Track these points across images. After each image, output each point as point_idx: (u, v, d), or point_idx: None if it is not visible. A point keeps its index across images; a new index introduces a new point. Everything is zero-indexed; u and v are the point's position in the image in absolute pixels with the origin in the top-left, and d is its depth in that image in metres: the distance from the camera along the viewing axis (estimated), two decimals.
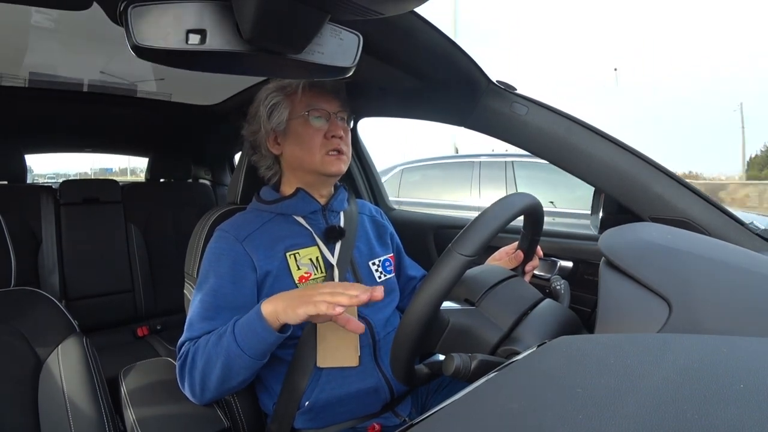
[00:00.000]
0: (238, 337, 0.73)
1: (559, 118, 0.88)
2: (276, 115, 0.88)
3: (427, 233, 1.44)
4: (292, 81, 0.89)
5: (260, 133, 0.92)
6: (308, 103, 0.88)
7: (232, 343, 0.73)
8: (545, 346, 0.39)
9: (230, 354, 0.73)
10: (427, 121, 1.19)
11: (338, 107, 0.91)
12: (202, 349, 0.76)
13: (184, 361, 0.79)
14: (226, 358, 0.73)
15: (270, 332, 0.72)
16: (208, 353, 0.75)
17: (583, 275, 1.07)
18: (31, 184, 2.03)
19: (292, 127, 0.89)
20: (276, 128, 0.89)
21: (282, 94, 0.89)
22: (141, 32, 0.40)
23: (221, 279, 0.82)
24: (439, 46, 0.82)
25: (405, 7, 0.45)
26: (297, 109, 0.88)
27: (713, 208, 0.80)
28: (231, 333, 0.74)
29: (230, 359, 0.73)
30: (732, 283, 0.51)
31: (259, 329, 0.72)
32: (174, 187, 2.23)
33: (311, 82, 0.89)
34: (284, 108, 0.88)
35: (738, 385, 0.28)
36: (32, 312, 0.80)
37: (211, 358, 0.75)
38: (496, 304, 0.66)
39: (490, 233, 0.59)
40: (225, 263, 0.83)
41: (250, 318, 0.73)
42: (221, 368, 0.74)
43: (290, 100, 0.89)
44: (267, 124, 0.89)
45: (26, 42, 1.12)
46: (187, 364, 0.78)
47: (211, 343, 0.76)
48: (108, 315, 1.90)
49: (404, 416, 0.91)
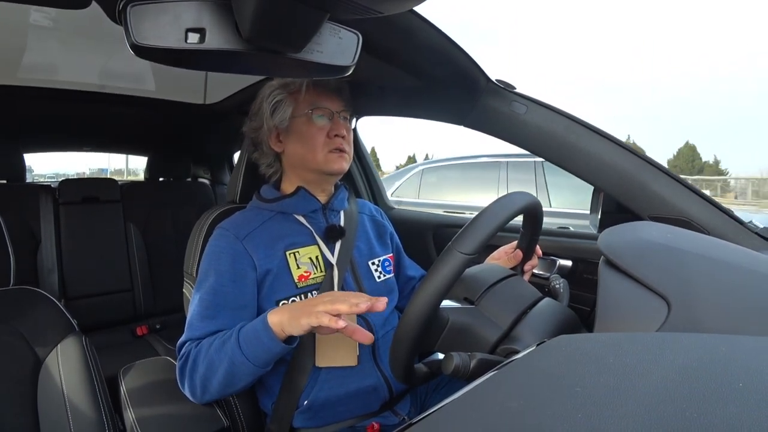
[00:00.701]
0: (243, 345, 0.72)
1: (558, 117, 0.88)
2: (279, 112, 0.88)
3: (427, 232, 1.44)
4: (295, 79, 0.89)
5: (262, 130, 0.91)
6: (312, 102, 0.88)
7: (236, 351, 0.72)
8: (544, 345, 0.39)
9: (234, 361, 0.73)
10: (426, 120, 1.19)
11: (341, 106, 0.91)
12: (204, 353, 0.76)
13: (185, 362, 0.79)
14: (229, 365, 0.73)
15: (276, 343, 0.71)
16: (210, 358, 0.75)
17: (583, 274, 1.07)
18: (31, 183, 2.02)
19: (295, 125, 0.89)
20: (279, 126, 0.89)
21: (285, 91, 0.89)
22: (140, 31, 0.40)
23: (221, 277, 0.82)
24: (439, 45, 0.82)
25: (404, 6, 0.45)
26: (300, 108, 0.88)
27: (712, 207, 0.80)
28: (236, 340, 0.73)
29: (234, 366, 0.73)
30: (731, 282, 0.51)
31: (265, 339, 0.71)
32: (173, 186, 2.23)
33: (315, 81, 0.89)
34: (287, 106, 0.88)
35: (737, 384, 0.28)
36: (31, 311, 0.80)
37: (213, 362, 0.74)
38: (495, 303, 0.66)
39: (489, 232, 0.59)
40: (225, 261, 0.83)
41: (256, 327, 0.73)
42: (224, 374, 0.74)
43: (294, 98, 0.88)
44: (270, 121, 0.89)
45: (25, 41, 1.12)
46: (188, 366, 0.78)
47: (214, 347, 0.75)
48: (107, 314, 1.90)
49: (403, 415, 0.91)
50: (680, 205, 0.80)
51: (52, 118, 1.83)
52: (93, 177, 3.36)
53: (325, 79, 0.89)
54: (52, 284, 1.77)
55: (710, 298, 0.49)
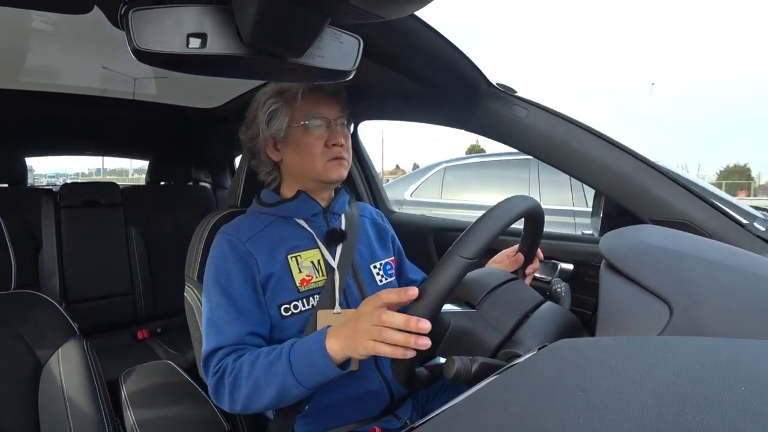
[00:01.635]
0: (296, 368, 0.70)
1: (559, 121, 0.88)
2: (275, 122, 0.87)
3: (428, 236, 1.44)
4: (291, 85, 0.88)
5: (259, 140, 0.90)
6: (308, 111, 0.87)
7: (287, 374, 0.70)
8: (546, 349, 0.39)
9: (285, 384, 0.70)
10: (428, 124, 1.19)
11: (338, 112, 0.89)
12: (247, 372, 0.73)
13: (221, 377, 0.76)
14: (280, 388, 0.71)
15: (333, 369, 0.69)
16: (255, 378, 0.72)
17: (584, 278, 1.07)
18: (32, 187, 2.03)
19: (292, 134, 0.87)
20: (275, 135, 0.88)
21: (281, 100, 0.88)
22: (142, 36, 0.40)
23: (234, 281, 0.81)
24: (439, 49, 0.82)
25: (406, 11, 0.45)
26: (296, 117, 0.87)
27: (714, 210, 0.80)
28: (287, 363, 0.71)
29: (285, 389, 0.71)
30: (733, 285, 0.51)
31: (322, 366, 0.69)
32: (174, 189, 2.23)
33: (311, 87, 0.88)
34: (284, 115, 0.87)
35: (739, 388, 0.28)
36: (32, 315, 0.80)
37: (260, 384, 0.72)
38: (496, 307, 0.65)
39: (491, 236, 0.59)
40: (234, 266, 0.82)
41: (311, 352, 0.70)
42: (273, 397, 0.71)
43: (289, 106, 0.87)
44: (266, 131, 0.88)
45: (27, 45, 1.12)
46: (227, 383, 0.75)
47: (260, 368, 0.73)
48: (108, 318, 1.90)
49: (405, 419, 0.91)
50: (681, 208, 0.80)
51: (53, 121, 1.83)
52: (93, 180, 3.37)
53: (321, 85, 0.88)
54: (53, 288, 1.77)
55: (712, 301, 0.49)
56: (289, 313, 0.83)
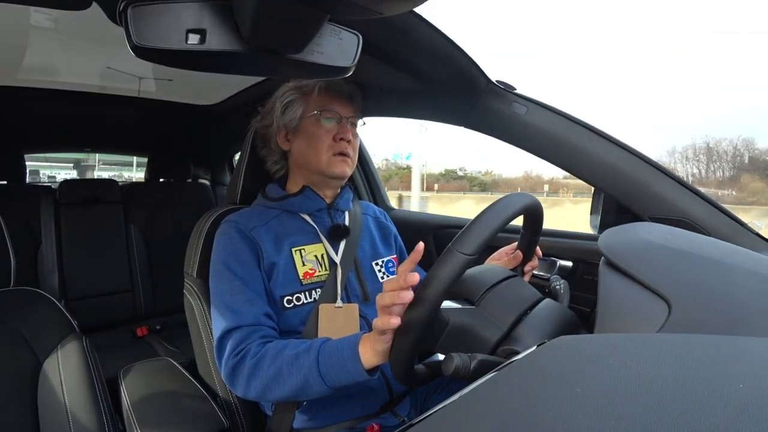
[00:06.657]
0: (322, 364, 0.70)
1: (558, 118, 0.88)
2: (290, 111, 0.90)
3: (428, 233, 1.44)
4: (309, 81, 0.91)
5: (272, 128, 0.94)
6: (322, 104, 0.90)
7: (313, 370, 0.70)
8: (545, 346, 0.39)
9: (309, 380, 0.71)
10: (427, 120, 1.19)
11: (351, 112, 0.92)
12: (271, 360, 0.74)
13: (243, 359, 0.76)
14: (303, 382, 0.71)
15: (360, 372, 0.69)
16: (279, 367, 0.73)
17: (583, 275, 1.07)
18: (31, 184, 2.03)
19: (304, 125, 0.90)
20: (288, 124, 0.91)
21: (298, 92, 0.91)
22: (141, 32, 0.40)
23: (245, 265, 0.83)
24: (439, 46, 0.82)
25: (405, 7, 0.45)
26: (310, 108, 0.90)
27: (713, 207, 0.80)
28: (314, 358, 0.71)
29: (307, 383, 0.71)
30: (731, 283, 0.51)
31: (349, 366, 0.69)
32: (174, 187, 2.23)
33: (328, 85, 0.90)
34: (298, 106, 0.90)
35: (738, 385, 0.28)
36: (32, 312, 0.80)
37: (282, 373, 0.72)
38: (495, 304, 0.66)
39: (490, 232, 0.59)
40: (243, 251, 0.84)
41: (342, 350, 0.70)
42: (293, 389, 0.72)
43: (305, 99, 0.90)
44: (280, 119, 0.91)
45: (26, 42, 1.12)
46: (247, 365, 0.75)
47: (286, 357, 0.73)
48: (107, 315, 1.90)
49: (403, 416, 0.91)
50: (680, 205, 0.80)
51: (52, 118, 1.83)
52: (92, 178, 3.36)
53: (339, 85, 0.91)
54: (52, 285, 1.77)
55: (711, 299, 0.49)
56: (291, 304, 0.85)
